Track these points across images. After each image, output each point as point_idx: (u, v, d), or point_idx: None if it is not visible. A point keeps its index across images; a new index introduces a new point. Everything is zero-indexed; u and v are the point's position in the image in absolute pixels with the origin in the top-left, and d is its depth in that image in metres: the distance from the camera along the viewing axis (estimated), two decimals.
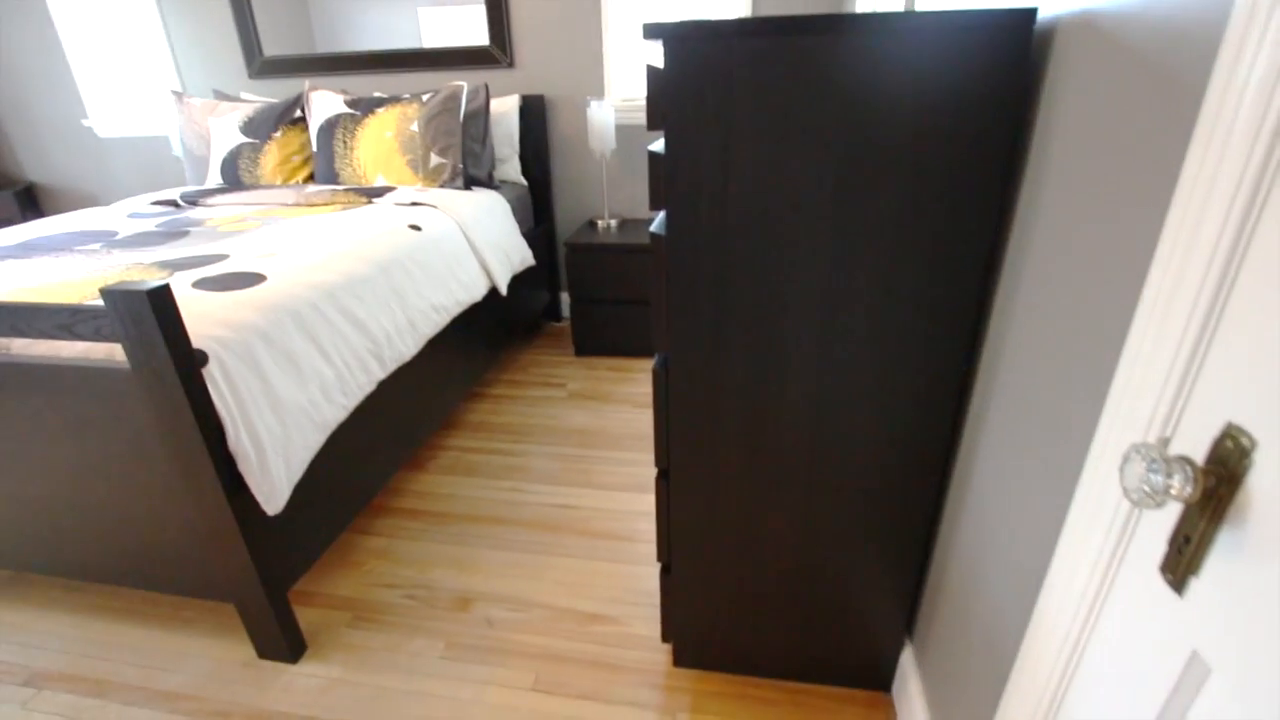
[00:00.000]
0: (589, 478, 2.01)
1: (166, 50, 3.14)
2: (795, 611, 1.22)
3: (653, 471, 2.03)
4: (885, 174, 0.82)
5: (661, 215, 0.95)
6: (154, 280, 1.04)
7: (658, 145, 0.92)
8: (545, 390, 2.57)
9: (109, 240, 1.85)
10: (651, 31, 0.78)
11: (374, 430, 1.66)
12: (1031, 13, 0.74)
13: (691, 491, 1.13)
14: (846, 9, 2.47)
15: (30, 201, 3.59)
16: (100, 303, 1.11)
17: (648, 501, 1.89)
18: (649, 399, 2.48)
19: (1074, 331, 0.66)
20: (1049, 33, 0.76)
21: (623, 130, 2.86)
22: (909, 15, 0.75)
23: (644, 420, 2.33)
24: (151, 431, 1.17)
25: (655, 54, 2.75)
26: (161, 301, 1.01)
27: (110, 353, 1.16)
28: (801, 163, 0.83)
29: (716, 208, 0.86)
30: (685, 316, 0.96)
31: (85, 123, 3.39)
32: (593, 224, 2.88)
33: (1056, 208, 0.72)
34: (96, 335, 1.07)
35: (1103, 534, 0.61)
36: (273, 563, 1.32)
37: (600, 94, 2.83)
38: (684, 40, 0.78)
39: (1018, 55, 0.75)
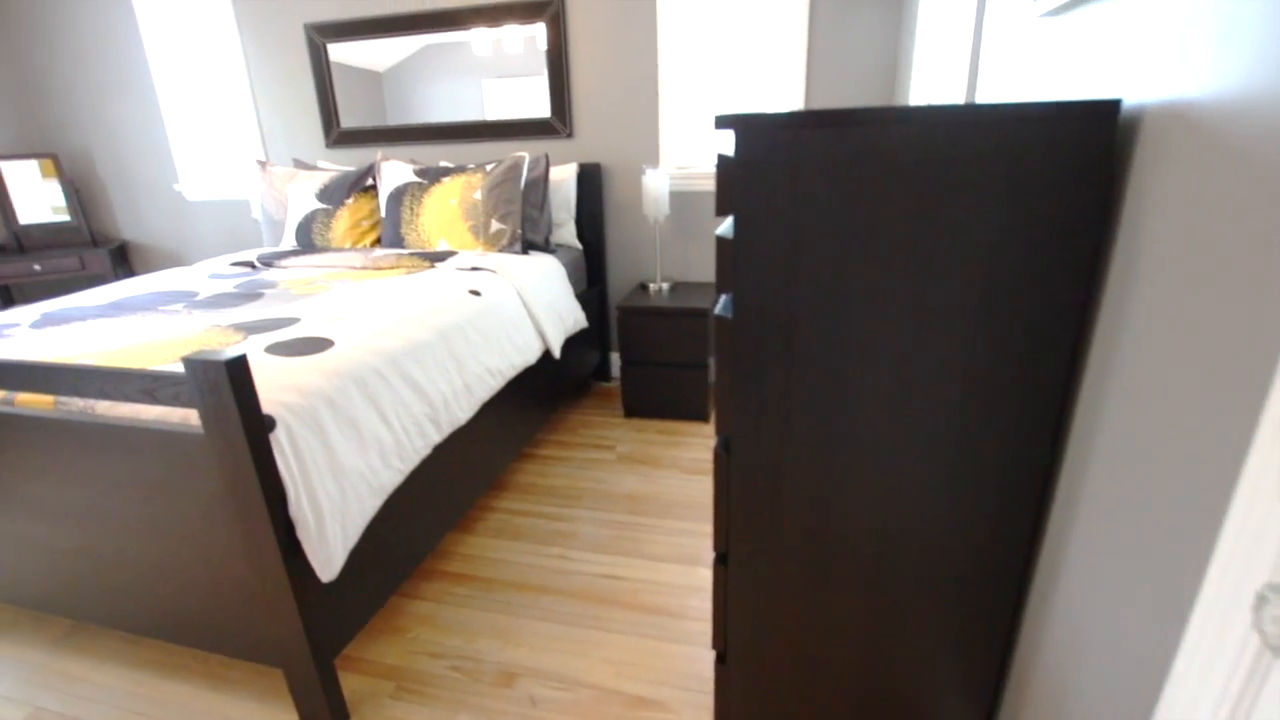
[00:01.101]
0: (638, 547, 1.96)
1: (254, 122, 3.39)
2: (860, 710, 1.13)
3: (705, 543, 1.97)
4: (960, 265, 0.80)
5: (725, 298, 0.95)
6: (231, 347, 1.09)
7: (723, 228, 0.92)
8: (594, 452, 2.56)
9: (190, 301, 1.96)
10: (723, 122, 0.79)
11: (425, 494, 1.67)
12: (1115, 104, 0.72)
13: (751, 577, 1.08)
14: (897, 100, 2.50)
15: (122, 258, 3.86)
16: (181, 369, 1.16)
17: (699, 576, 1.83)
18: (699, 465, 2.43)
19: (1177, 442, 0.61)
20: (1134, 124, 0.74)
21: (676, 197, 2.92)
22: (986, 108, 0.74)
23: (695, 487, 2.28)
24: (218, 494, 1.19)
25: (712, 129, 2.82)
26: (238, 371, 1.05)
27: (186, 417, 1.20)
28: (873, 251, 0.81)
29: (784, 292, 0.85)
30: (749, 399, 0.94)
31: (176, 187, 3.66)
32: (644, 287, 2.91)
33: (1154, 306, 0.68)
34: (175, 401, 1.12)
35: (1227, 674, 0.54)
36: (322, 629, 1.31)
37: (655, 162, 2.90)
38: (755, 130, 0.79)
39: (1101, 149, 0.73)
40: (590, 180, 2.91)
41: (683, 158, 2.90)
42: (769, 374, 0.91)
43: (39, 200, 3.66)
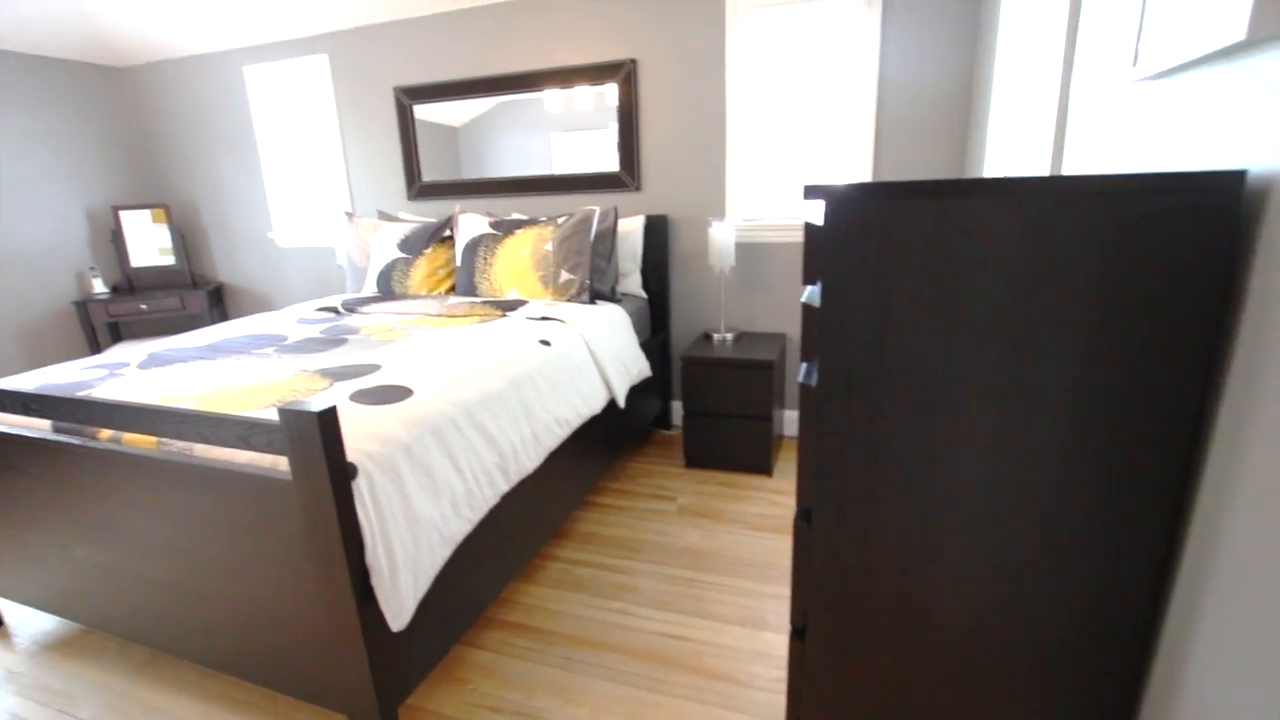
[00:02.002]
0: (701, 606, 1.91)
1: (343, 175, 3.62)
2: None
3: (771, 605, 1.90)
4: (1061, 342, 0.76)
5: (809, 365, 0.93)
6: (319, 394, 1.13)
7: (809, 296, 0.91)
8: (655, 503, 2.52)
9: (280, 345, 2.07)
10: (813, 192, 0.79)
11: (491, 543, 1.68)
12: (1239, 175, 0.68)
13: (828, 654, 1.02)
14: (969, 169, 2.46)
15: (217, 299, 4.15)
16: (273, 417, 1.22)
17: (765, 641, 1.76)
18: (763, 521, 2.37)
19: None
20: (1262, 196, 0.70)
21: (742, 248, 2.93)
22: (1091, 179, 0.71)
23: (759, 545, 2.21)
24: (300, 539, 1.23)
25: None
26: (328, 423, 1.09)
27: (275, 463, 1.25)
28: (967, 324, 0.78)
29: (873, 363, 0.83)
30: (832, 470, 0.91)
31: (269, 234, 3.92)
32: (708, 336, 2.91)
33: None
34: (267, 447, 1.17)
35: None
36: (389, 678, 1.32)
37: (721, 214, 2.93)
38: (846, 200, 0.78)
39: (1222, 223, 0.69)
40: (656, 231, 2.96)
41: (749, 210, 2.92)
42: (854, 445, 0.88)
43: (149, 245, 3.99)
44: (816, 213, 0.83)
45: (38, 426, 1.57)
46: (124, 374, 1.78)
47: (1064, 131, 1.33)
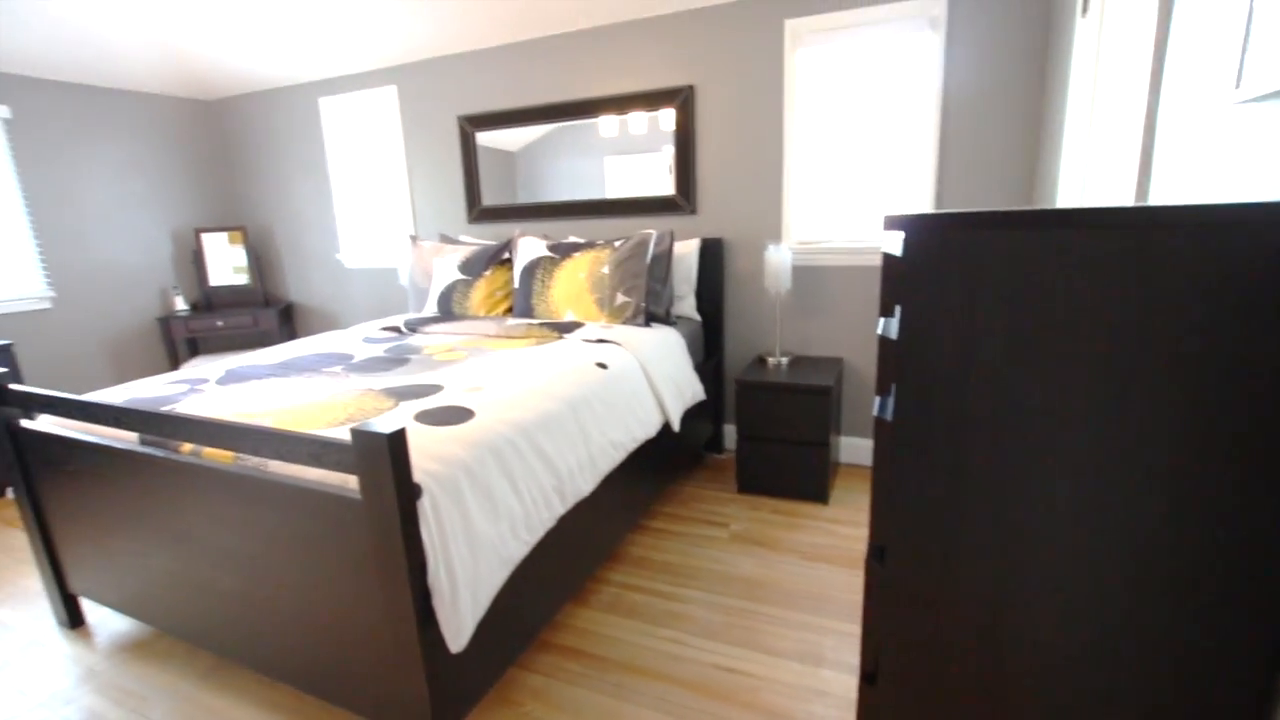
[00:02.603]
0: (756, 638, 1.86)
1: (408, 199, 3.76)
2: None
3: (831, 641, 1.83)
4: (1165, 387, 0.71)
5: (885, 399, 0.90)
6: (385, 413, 1.16)
7: (886, 328, 0.89)
8: (707, 529, 2.49)
9: (347, 364, 2.14)
10: (893, 223, 0.77)
11: (545, 565, 1.68)
12: None
13: (902, 700, 0.97)
14: (1039, 198, 2.38)
15: (287, 317, 4.34)
16: (343, 437, 1.25)
17: (824, 679, 1.69)
18: (820, 551, 2.30)
19: None
20: None
21: (799, 271, 2.90)
22: (1199, 209, 0.67)
23: (816, 576, 2.15)
24: (365, 557, 1.25)
25: (840, 209, 2.80)
26: (397, 444, 1.12)
27: (344, 481, 1.29)
28: (1060, 361, 0.74)
29: (955, 399, 0.80)
30: (909, 507, 0.87)
31: (337, 256, 4.09)
32: (762, 360, 2.87)
33: None
34: (338, 466, 1.20)
35: None
36: (445, 699, 1.32)
37: (778, 237, 2.91)
38: (927, 230, 0.76)
39: None
40: (711, 254, 2.95)
41: (806, 233, 2.89)
42: (933, 482, 0.84)
43: (225, 264, 4.22)
44: (881, 235, 0.81)
45: (126, 438, 1.66)
46: (204, 390, 1.87)
47: (1151, 156, 1.27)
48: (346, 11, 3.19)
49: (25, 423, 1.85)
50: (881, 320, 0.87)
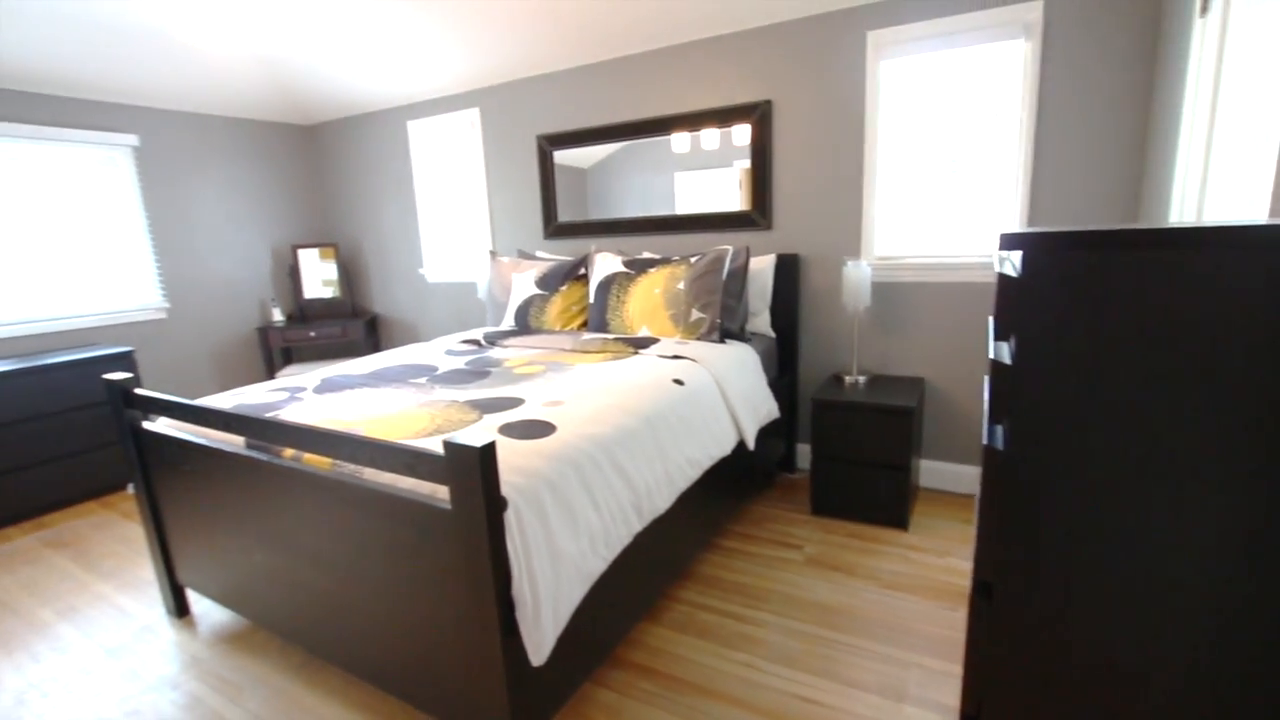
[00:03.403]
0: (834, 667, 1.79)
1: (486, 216, 3.89)
2: None
3: (913, 675, 1.75)
4: None
5: (991, 425, 0.85)
6: (470, 425, 1.19)
7: (998, 352, 0.84)
8: (780, 550, 2.43)
9: (431, 375, 2.22)
10: (1010, 242, 0.73)
11: (620, 581, 1.68)
12: None
13: None
14: (1146, 215, 2.22)
15: (372, 329, 4.56)
16: (436, 449, 1.29)
17: (907, 716, 1.61)
18: (900, 580, 2.20)
19: None
20: None
21: (879, 287, 2.82)
22: None
23: (896, 605, 2.06)
24: (453, 566, 1.29)
25: (923, 224, 2.71)
26: (488, 458, 1.15)
27: (434, 491, 1.33)
28: (1199, 392, 0.69)
29: (1077, 430, 0.75)
30: (1020, 543, 0.82)
31: (420, 270, 4.27)
32: (839, 379, 2.80)
33: None
34: (430, 476, 1.24)
35: None
36: (524, 711, 1.34)
37: (857, 253, 2.84)
38: (1048, 250, 0.72)
39: None
40: (787, 270, 2.91)
41: (886, 248, 2.80)
42: (1048, 517, 0.79)
43: (317, 278, 4.47)
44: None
45: (234, 442, 1.77)
46: (303, 398, 1.98)
47: None
48: (435, 39, 3.35)
49: (146, 424, 2.00)
50: (993, 343, 0.83)
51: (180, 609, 2.18)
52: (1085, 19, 2.29)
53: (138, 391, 1.96)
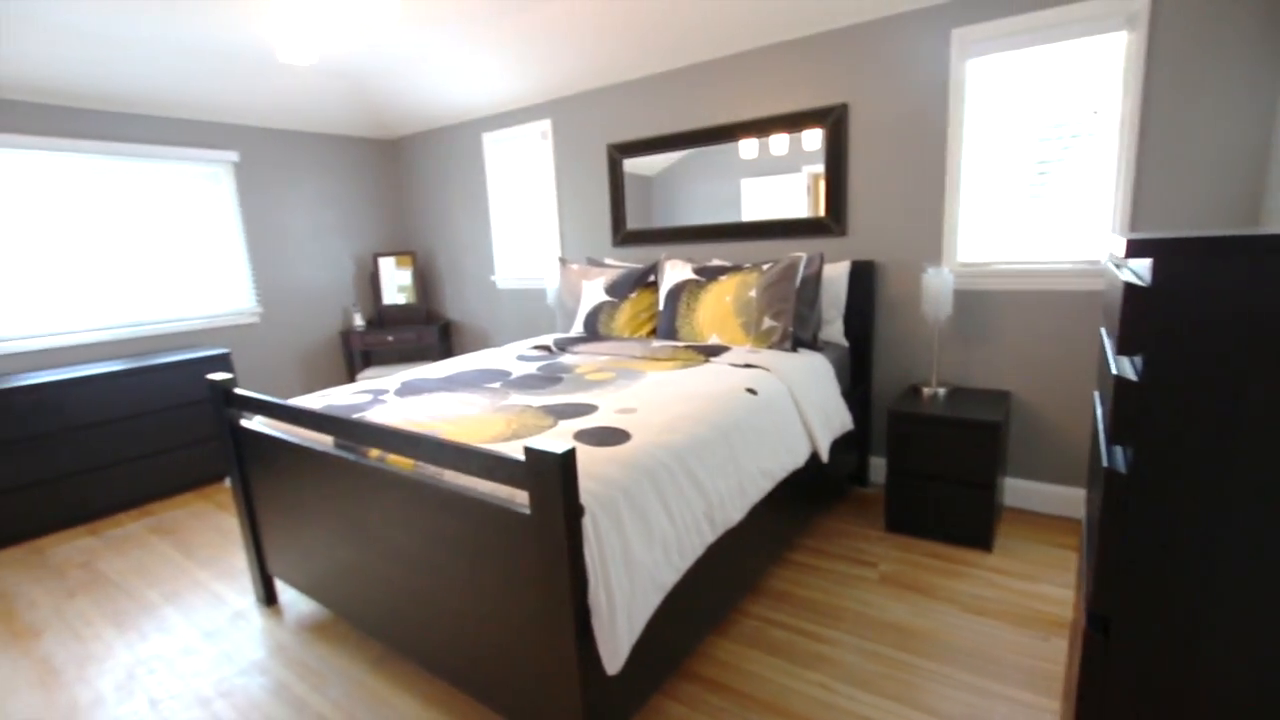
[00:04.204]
0: (914, 694, 1.71)
1: (556, 224, 3.96)
2: None
3: (1001, 708, 1.65)
4: None
5: (1110, 447, 0.79)
6: (546, 430, 1.20)
7: (1121, 367, 0.78)
8: (853, 567, 2.35)
9: (505, 380, 2.27)
10: (1139, 248, 0.67)
11: (692, 593, 1.65)
12: None
13: None
14: (1271, 224, 2.04)
15: (445, 334, 4.71)
16: (516, 454, 1.31)
17: None
18: (984, 604, 2.09)
19: None
20: None
21: (961, 295, 2.69)
22: None
23: (980, 631, 1.95)
24: (530, 570, 1.30)
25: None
26: (567, 465, 1.15)
27: (513, 495, 1.35)
28: None
29: (1215, 455, 0.68)
30: (1145, 578, 0.75)
31: (491, 277, 4.39)
32: (917, 391, 2.69)
33: None
34: (510, 481, 1.26)
35: None
36: (597, 717, 1.33)
37: (937, 260, 2.72)
38: (1187, 257, 0.66)
39: None
40: (862, 278, 2.82)
41: (970, 255, 2.68)
42: (1177, 550, 0.73)
43: (394, 285, 4.66)
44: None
45: (322, 441, 1.85)
46: (386, 400, 2.05)
47: None
48: (510, 54, 3.44)
49: (243, 422, 2.13)
50: (1113, 358, 0.77)
51: (269, 598, 2.30)
52: (1197, 8, 2.12)
53: (237, 391, 2.08)
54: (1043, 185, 2.50)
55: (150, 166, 3.64)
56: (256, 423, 2.12)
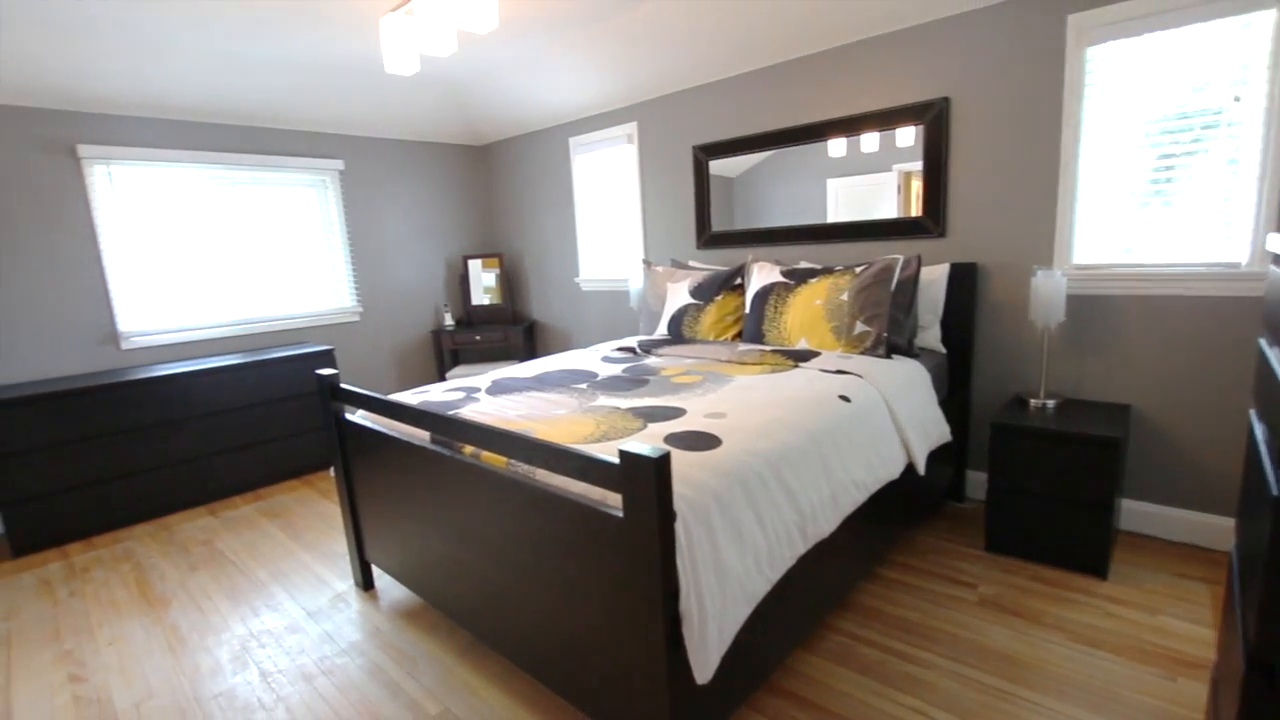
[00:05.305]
0: None
1: (639, 226, 3.98)
2: None
3: None
4: None
5: (1276, 473, 0.70)
6: (635, 433, 1.19)
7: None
8: (949, 587, 2.22)
9: (592, 381, 2.29)
10: None
11: (781, 605, 1.61)
12: None
13: None
14: None
15: (529, 335, 4.82)
16: (611, 456, 1.31)
17: None
18: (1099, 635, 1.92)
19: None
20: None
21: (1074, 300, 2.50)
22: None
23: (1094, 665, 1.80)
24: (621, 573, 1.30)
25: (1136, 229, 2.38)
26: (663, 469, 1.14)
27: (604, 497, 1.35)
28: None
29: None
30: None
31: (576, 279, 4.46)
32: (1022, 401, 2.52)
33: None
34: (603, 483, 1.26)
35: None
36: None
37: (1048, 262, 2.54)
38: None
39: None
40: (962, 281, 2.67)
41: (1086, 256, 2.48)
42: None
43: (479, 286, 4.82)
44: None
45: (419, 436, 1.93)
46: (479, 398, 2.12)
47: None
48: (600, 58, 3.49)
49: (348, 415, 2.25)
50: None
51: (367, 582, 2.42)
52: None
53: (342, 386, 2.20)
54: (1168, 181, 2.29)
55: (266, 176, 3.93)
56: (359, 416, 2.23)
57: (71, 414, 2.97)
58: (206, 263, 3.73)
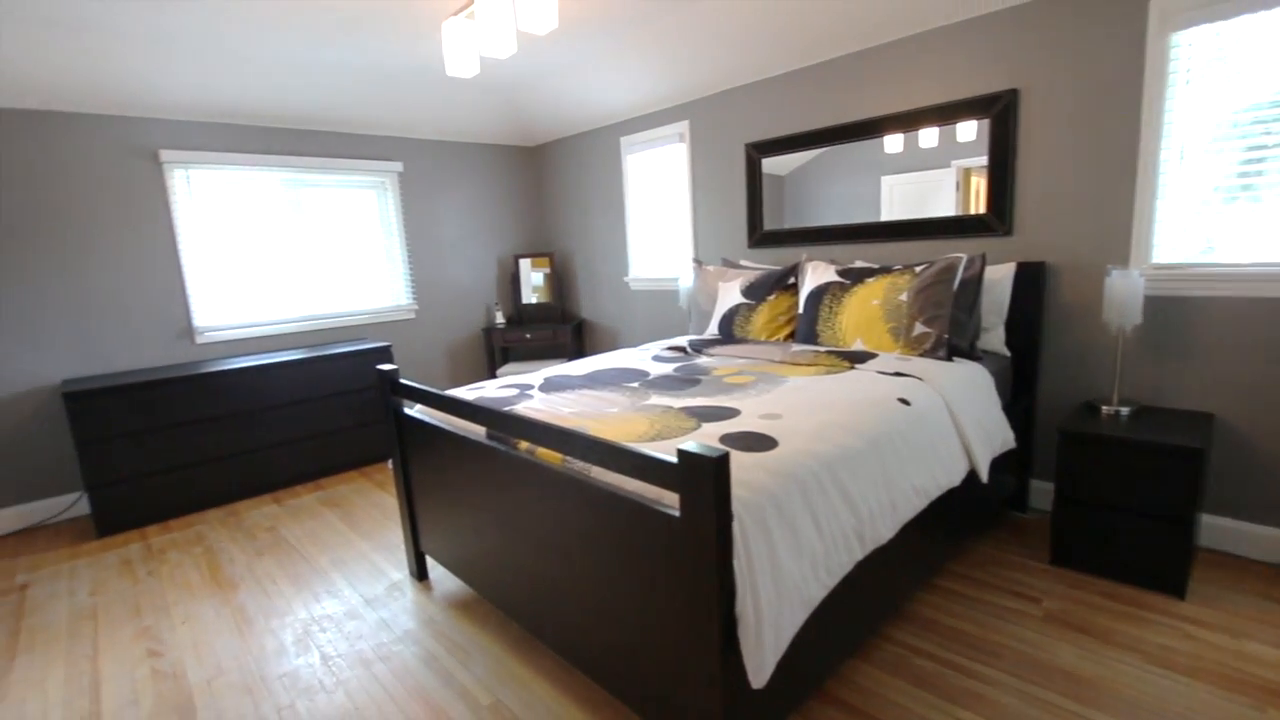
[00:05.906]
0: None
1: (689, 224, 3.96)
2: None
3: None
4: None
5: None
6: (690, 433, 1.18)
7: None
8: (1011, 600, 2.13)
9: (644, 380, 2.29)
10: None
11: (836, 613, 1.57)
12: None
13: None
14: None
15: (578, 333, 4.86)
16: (669, 456, 1.30)
17: None
18: (1175, 658, 1.82)
19: None
20: None
21: (1152, 302, 2.37)
22: None
23: (1170, 689, 1.70)
24: (676, 573, 1.29)
25: (1227, 224, 2.24)
26: (721, 469, 1.13)
27: (660, 495, 1.35)
28: None
29: None
30: None
31: (625, 278, 4.47)
32: (1093, 408, 2.40)
33: None
34: (660, 482, 1.26)
35: None
36: None
37: (1124, 261, 2.41)
38: None
39: None
40: (1029, 281, 2.56)
41: (1167, 255, 2.34)
42: None
43: (529, 285, 4.88)
44: None
45: (475, 431, 1.97)
46: (532, 395, 2.14)
47: None
48: (652, 57, 3.48)
49: (406, 409, 2.31)
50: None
51: (421, 573, 2.48)
52: None
53: (401, 381, 2.26)
54: (1259, 174, 2.14)
55: (330, 178, 4.07)
56: (417, 410, 2.29)
57: (151, 405, 3.14)
58: (273, 261, 3.89)
